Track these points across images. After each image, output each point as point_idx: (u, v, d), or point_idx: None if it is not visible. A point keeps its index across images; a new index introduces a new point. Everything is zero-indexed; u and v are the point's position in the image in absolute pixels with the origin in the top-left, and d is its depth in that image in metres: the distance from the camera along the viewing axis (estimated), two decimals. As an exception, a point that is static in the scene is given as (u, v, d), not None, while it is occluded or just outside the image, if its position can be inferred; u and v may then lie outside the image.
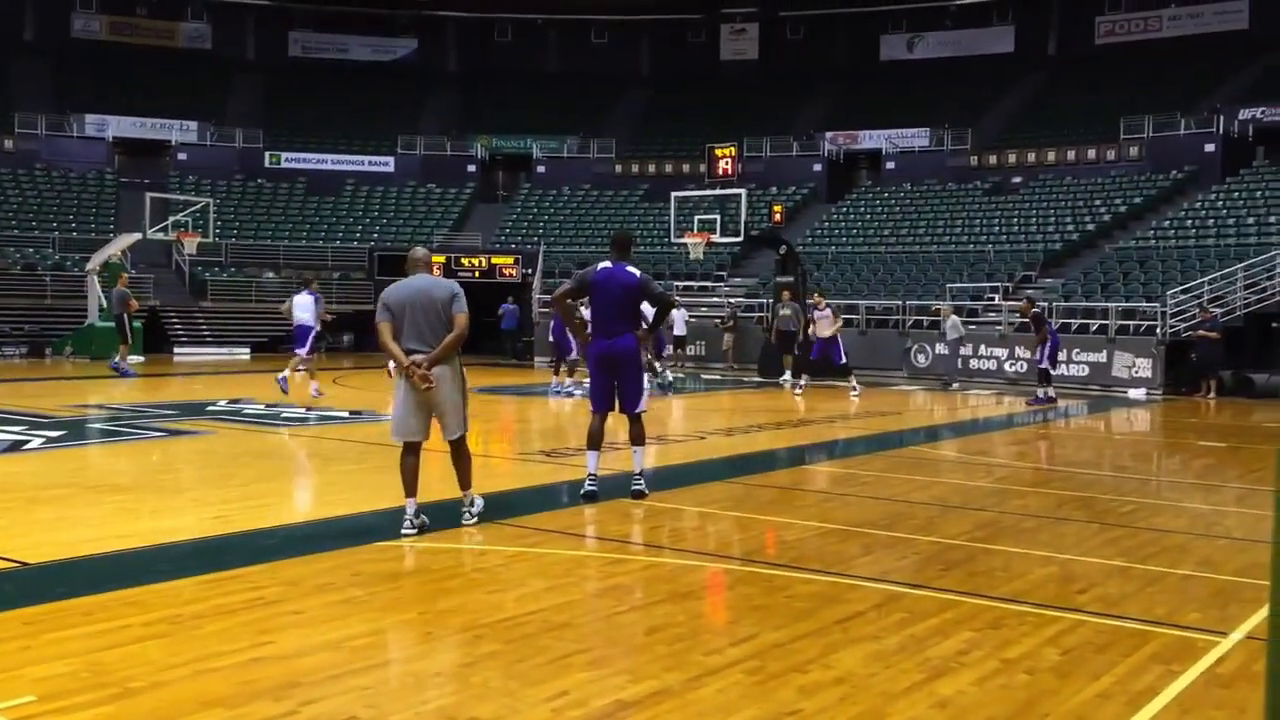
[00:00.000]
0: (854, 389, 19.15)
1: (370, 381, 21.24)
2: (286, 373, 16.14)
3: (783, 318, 22.34)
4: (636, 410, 8.37)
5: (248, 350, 30.00)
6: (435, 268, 30.11)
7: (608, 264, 8.30)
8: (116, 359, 21.14)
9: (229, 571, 5.88)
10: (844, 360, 19.55)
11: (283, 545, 6.63)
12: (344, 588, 5.60)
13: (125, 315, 21.42)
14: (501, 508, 7.76)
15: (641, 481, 8.40)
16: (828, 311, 19.65)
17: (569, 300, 8.82)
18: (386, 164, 42.02)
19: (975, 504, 8.65)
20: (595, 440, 8.33)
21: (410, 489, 6.96)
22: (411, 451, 7.02)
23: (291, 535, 6.96)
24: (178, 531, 6.92)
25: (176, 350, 28.91)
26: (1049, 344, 18.94)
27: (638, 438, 8.42)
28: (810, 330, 20.29)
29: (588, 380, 8.59)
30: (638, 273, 8.28)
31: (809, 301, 20.64)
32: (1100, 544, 7.17)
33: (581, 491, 8.24)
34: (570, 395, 17.84)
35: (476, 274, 31.63)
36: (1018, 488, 9.66)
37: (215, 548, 6.58)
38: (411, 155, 42.21)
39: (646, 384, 8.90)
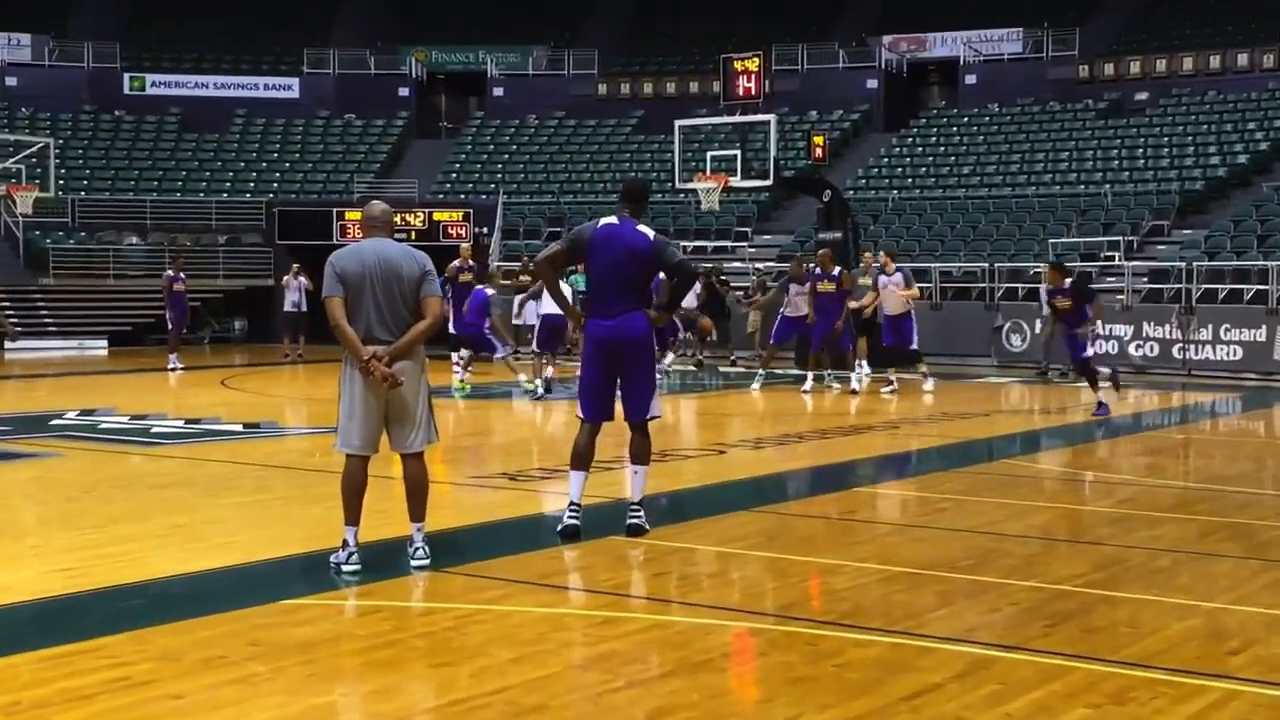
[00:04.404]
0: (890, 383, 18.98)
1: (270, 383, 21.25)
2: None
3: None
4: (645, 417, 8.35)
5: (104, 342, 29.98)
6: (351, 227, 29.98)
7: (613, 220, 8.27)
8: None
9: (83, 643, 5.87)
10: (915, 344, 19.47)
11: (155, 606, 6.62)
12: (239, 662, 5.60)
13: None
14: (451, 550, 7.76)
15: (641, 512, 8.40)
16: (898, 277, 19.25)
17: (555, 266, 8.82)
18: (289, 88, 42.05)
19: (1090, 536, 8.67)
20: (582, 458, 8.32)
21: (352, 515, 7.25)
22: (359, 467, 7.28)
23: (166, 592, 6.95)
24: (11, 590, 6.90)
25: (8, 345, 28.87)
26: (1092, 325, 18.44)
27: (640, 454, 8.40)
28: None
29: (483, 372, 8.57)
30: (652, 234, 8.25)
31: (875, 265, 20.35)
32: (1260, 587, 7.18)
33: (560, 527, 8.23)
34: (458, 394, 17.73)
35: (413, 234, 31.60)
36: (1148, 513, 9.67)
37: (63, 610, 6.57)
38: (323, 76, 42.24)
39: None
